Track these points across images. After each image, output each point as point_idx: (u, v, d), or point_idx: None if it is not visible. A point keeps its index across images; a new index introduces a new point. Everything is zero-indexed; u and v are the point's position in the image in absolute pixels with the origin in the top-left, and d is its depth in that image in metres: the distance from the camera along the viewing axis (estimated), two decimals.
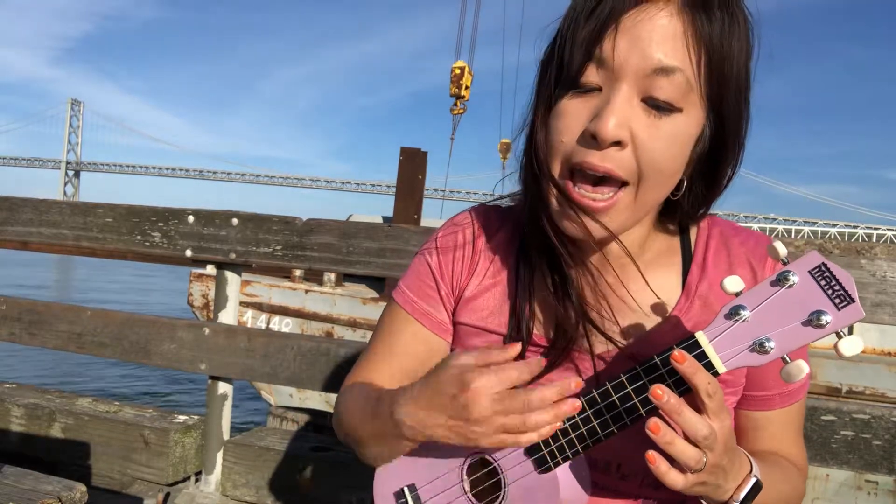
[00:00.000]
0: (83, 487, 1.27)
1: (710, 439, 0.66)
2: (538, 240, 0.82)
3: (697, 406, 0.67)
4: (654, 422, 0.66)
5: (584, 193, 0.73)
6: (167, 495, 1.84)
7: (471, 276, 0.90)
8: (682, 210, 0.82)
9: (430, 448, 0.82)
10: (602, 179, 0.73)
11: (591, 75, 0.71)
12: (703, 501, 0.74)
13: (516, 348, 0.73)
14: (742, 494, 0.72)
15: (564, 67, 0.73)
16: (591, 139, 0.71)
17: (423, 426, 0.74)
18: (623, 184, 0.73)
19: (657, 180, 0.73)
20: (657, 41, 0.69)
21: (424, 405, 0.74)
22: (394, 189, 8.23)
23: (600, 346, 0.82)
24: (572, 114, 0.73)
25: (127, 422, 1.93)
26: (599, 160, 0.71)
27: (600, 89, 0.72)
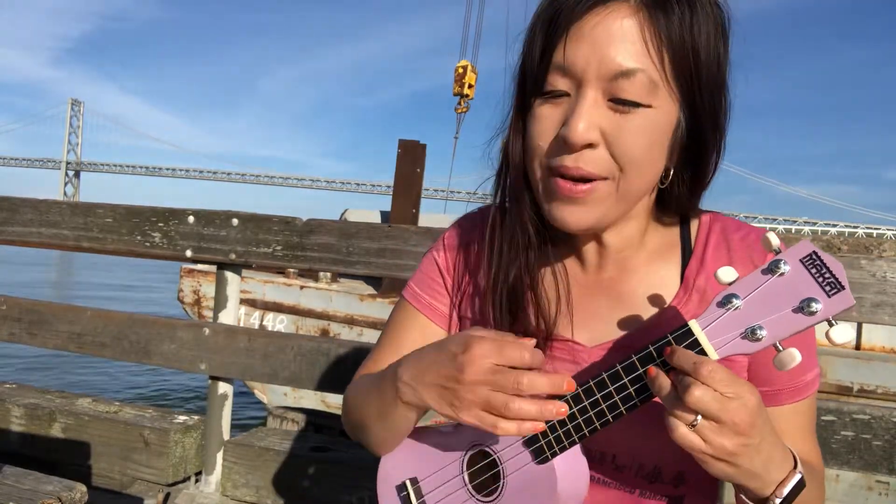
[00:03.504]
0: (83, 487, 1.27)
1: (705, 401, 0.65)
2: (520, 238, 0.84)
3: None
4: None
5: (566, 186, 0.76)
6: (167, 495, 1.84)
7: (476, 272, 0.92)
8: (675, 198, 0.83)
9: (431, 441, 0.84)
10: (581, 179, 0.75)
11: (556, 82, 0.74)
12: (742, 496, 0.73)
13: (534, 350, 0.73)
14: (786, 491, 0.69)
15: (529, 76, 0.76)
16: (563, 144, 0.73)
17: (417, 383, 0.76)
18: (602, 179, 0.75)
19: (636, 172, 0.75)
20: (615, 44, 0.70)
21: (426, 361, 0.76)
22: (392, 190, 8.17)
23: (597, 338, 0.84)
24: (545, 119, 0.75)
25: (127, 422, 1.93)
26: (573, 162, 0.73)
27: (568, 94, 0.74)
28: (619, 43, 0.70)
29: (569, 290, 0.86)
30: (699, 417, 0.65)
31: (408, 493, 0.85)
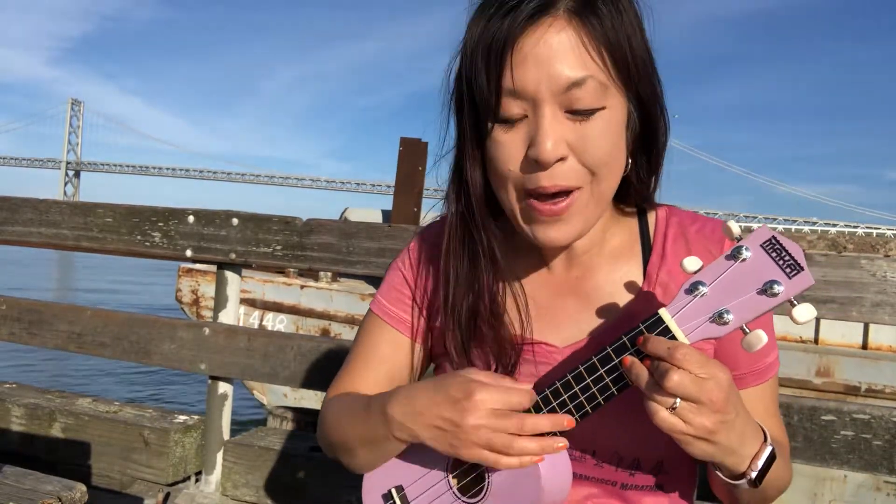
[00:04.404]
0: (83, 487, 1.27)
1: (684, 385, 0.67)
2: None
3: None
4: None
5: (545, 208, 0.77)
6: (167, 495, 1.84)
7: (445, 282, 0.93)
8: (633, 187, 0.85)
9: (415, 448, 0.84)
10: (557, 193, 0.77)
11: (511, 107, 0.75)
12: (718, 472, 0.75)
13: (531, 394, 0.75)
14: (760, 464, 0.72)
15: (481, 105, 0.77)
16: (534, 164, 0.74)
17: (412, 422, 0.77)
18: (577, 189, 0.77)
19: (606, 172, 0.77)
20: (559, 58, 0.72)
21: (421, 403, 0.77)
22: (394, 189, 8.13)
23: (570, 338, 0.85)
24: (509, 144, 0.76)
25: (127, 422, 1.93)
26: (549, 180, 0.75)
27: (526, 116, 0.75)
28: (562, 56, 0.72)
29: (529, 296, 0.87)
30: (678, 400, 0.67)
31: (394, 502, 0.85)
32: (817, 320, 0.78)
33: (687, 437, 0.69)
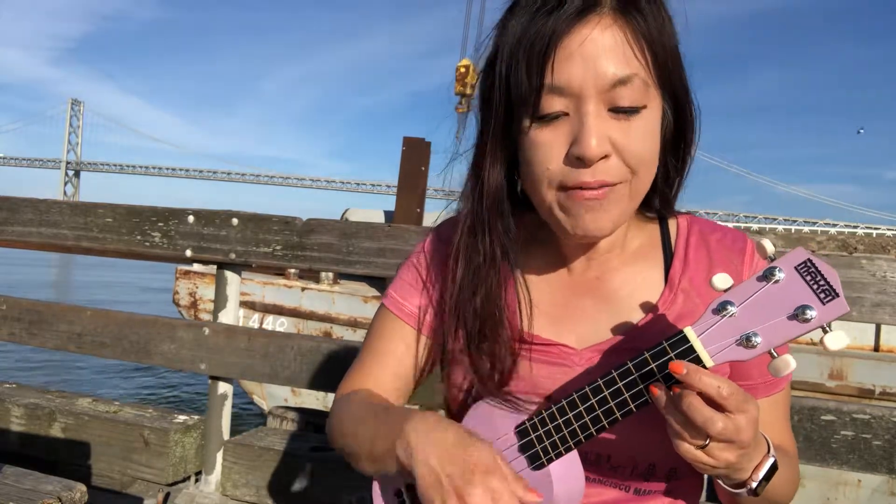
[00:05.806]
0: (83, 487, 1.27)
1: (728, 431, 0.66)
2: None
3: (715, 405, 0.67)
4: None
5: (586, 192, 0.76)
6: (167, 495, 1.84)
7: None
8: (658, 188, 0.85)
9: None
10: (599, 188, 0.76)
11: (553, 104, 0.74)
12: (719, 481, 0.75)
13: (539, 498, 0.71)
14: (761, 474, 0.72)
15: (517, 102, 0.76)
16: (577, 161, 0.74)
17: (422, 454, 0.72)
18: (619, 183, 0.76)
19: (645, 171, 0.77)
20: (606, 56, 0.72)
21: (437, 440, 0.72)
22: (394, 189, 8.07)
23: (588, 340, 0.84)
24: (548, 142, 0.75)
25: (127, 422, 1.93)
26: (592, 177, 0.74)
27: (567, 114, 0.74)
28: (609, 53, 0.72)
29: (547, 296, 0.87)
30: (709, 440, 0.67)
31: (404, 501, 0.85)
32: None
33: (707, 467, 0.69)
